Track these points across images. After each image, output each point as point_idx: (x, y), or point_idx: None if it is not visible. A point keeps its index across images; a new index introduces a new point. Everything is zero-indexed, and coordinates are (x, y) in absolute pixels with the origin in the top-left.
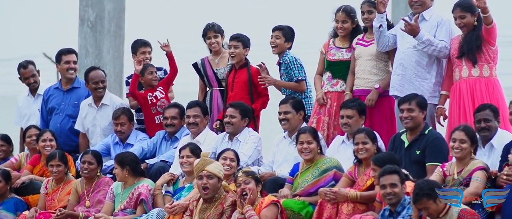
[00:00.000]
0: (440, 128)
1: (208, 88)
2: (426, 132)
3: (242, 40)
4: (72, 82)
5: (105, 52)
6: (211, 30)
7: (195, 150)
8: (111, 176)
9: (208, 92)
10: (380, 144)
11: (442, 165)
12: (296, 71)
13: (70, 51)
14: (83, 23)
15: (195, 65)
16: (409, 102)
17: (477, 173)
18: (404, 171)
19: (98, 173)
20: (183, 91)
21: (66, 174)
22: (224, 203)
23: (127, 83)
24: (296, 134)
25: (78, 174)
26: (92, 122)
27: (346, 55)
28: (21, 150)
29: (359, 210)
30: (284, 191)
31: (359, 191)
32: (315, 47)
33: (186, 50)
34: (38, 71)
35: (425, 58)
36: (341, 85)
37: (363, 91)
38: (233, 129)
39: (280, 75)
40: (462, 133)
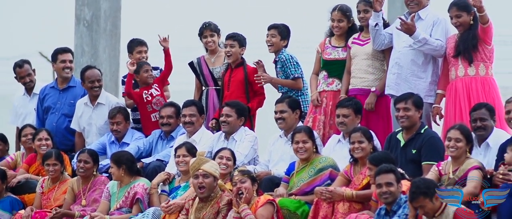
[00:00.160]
0: (436, 127)
1: (204, 88)
2: (422, 131)
3: (238, 39)
4: (68, 82)
5: (101, 51)
6: (207, 29)
7: (191, 149)
8: (107, 175)
9: (204, 92)
10: (376, 143)
11: (438, 164)
12: (292, 69)
13: (66, 50)
14: (79, 22)
15: (191, 64)
16: (405, 102)
17: (473, 172)
18: (400, 170)
19: (94, 172)
20: (179, 90)
21: (62, 173)
22: (220, 202)
23: (123, 83)
24: (292, 133)
25: (74, 173)
26: (88, 121)
27: (342, 54)
28: (17, 149)
29: (355, 209)
30: (280, 190)
31: (355, 190)
32: (312, 46)
33: (182, 49)
34: (34, 71)
35: (421, 57)
36: (337, 85)
37: (359, 91)
38: (229, 128)
39: (277, 74)
40: (458, 131)
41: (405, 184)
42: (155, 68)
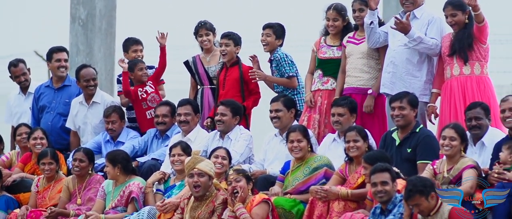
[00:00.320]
0: (431, 126)
1: (199, 86)
2: (417, 130)
3: (233, 38)
4: (63, 81)
5: (96, 50)
6: (203, 28)
7: (186, 148)
8: (103, 174)
9: (199, 90)
10: (371, 141)
11: (433, 162)
12: (287, 68)
13: (61, 49)
14: (74, 21)
15: (187, 63)
16: (400, 100)
17: (468, 171)
18: (395, 169)
19: (90, 171)
20: (174, 89)
21: (57, 172)
22: (215, 201)
23: (118, 81)
24: (286, 132)
25: (69, 172)
26: (83, 119)
27: (337, 53)
28: (12, 148)
29: (350, 208)
30: (275, 189)
31: (350, 189)
32: (307, 45)
33: (178, 48)
34: (29, 70)
35: (416, 56)
36: (332, 83)
37: (354, 89)
38: (224, 127)
39: (272, 73)
40: (452, 130)
41: (400, 183)
42: (151, 67)
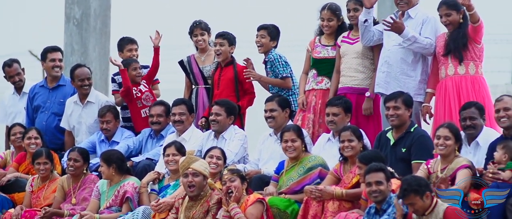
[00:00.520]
0: (426, 126)
1: (194, 86)
2: (412, 129)
3: (228, 38)
4: (58, 80)
5: (91, 50)
6: (198, 28)
7: (181, 148)
8: (97, 173)
9: (194, 90)
10: (366, 141)
11: (427, 162)
12: (281, 69)
13: (56, 49)
14: (69, 21)
15: (181, 63)
16: (395, 100)
17: (463, 172)
18: (390, 168)
19: (84, 170)
20: (169, 89)
21: (52, 172)
22: (210, 201)
23: (113, 81)
24: (280, 132)
25: (64, 172)
26: (78, 119)
27: (332, 53)
28: (7, 147)
29: (345, 207)
30: (270, 188)
31: (345, 188)
32: (302, 45)
33: (173, 48)
34: (23, 70)
35: (410, 56)
36: (326, 83)
37: (349, 89)
38: (219, 126)
39: (267, 74)
40: (447, 130)
41: (395, 182)
42: (145, 67)
